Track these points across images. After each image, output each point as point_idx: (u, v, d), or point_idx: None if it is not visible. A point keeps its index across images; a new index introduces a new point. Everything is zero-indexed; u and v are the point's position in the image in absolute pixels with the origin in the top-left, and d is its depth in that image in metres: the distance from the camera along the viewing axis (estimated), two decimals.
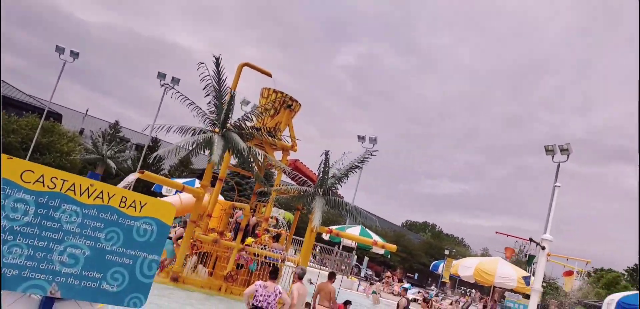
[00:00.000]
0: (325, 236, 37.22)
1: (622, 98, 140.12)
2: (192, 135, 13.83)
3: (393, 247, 17.70)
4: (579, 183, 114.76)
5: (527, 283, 15.03)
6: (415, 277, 50.12)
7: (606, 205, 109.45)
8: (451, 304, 30.53)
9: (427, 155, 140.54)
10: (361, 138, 32.28)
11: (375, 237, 38.54)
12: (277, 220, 21.04)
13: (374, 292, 22.83)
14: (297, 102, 18.13)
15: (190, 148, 13.57)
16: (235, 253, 14.86)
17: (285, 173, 17.66)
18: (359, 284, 29.21)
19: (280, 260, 15.70)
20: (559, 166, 25.47)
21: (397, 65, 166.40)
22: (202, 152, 14.45)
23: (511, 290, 32.95)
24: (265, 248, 15.12)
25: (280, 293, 8.97)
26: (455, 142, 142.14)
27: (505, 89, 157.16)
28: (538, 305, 39.13)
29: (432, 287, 40.43)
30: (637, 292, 26.86)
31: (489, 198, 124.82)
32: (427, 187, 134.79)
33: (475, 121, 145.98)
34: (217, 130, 14.18)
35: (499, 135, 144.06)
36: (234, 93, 14.20)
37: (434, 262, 41.90)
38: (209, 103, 14.21)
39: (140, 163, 31.41)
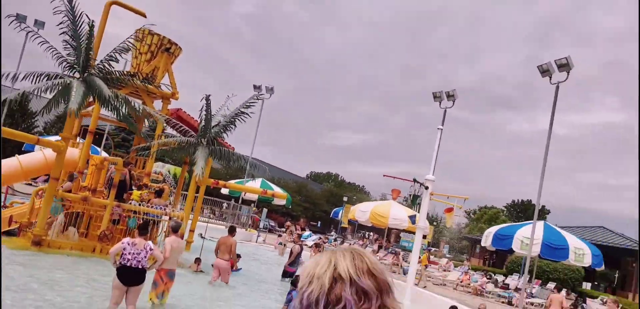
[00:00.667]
0: (225, 191, 36.40)
1: (508, 49, 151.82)
2: (47, 80, 12.12)
3: (283, 195, 17.44)
4: (470, 130, 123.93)
5: (413, 222, 15.59)
6: (319, 225, 51.22)
7: (493, 149, 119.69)
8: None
9: (329, 107, 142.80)
10: (257, 88, 31.31)
11: (276, 189, 38.42)
12: (162, 175, 19.76)
13: (280, 243, 22.77)
14: (176, 45, 16.76)
15: (42, 94, 11.88)
16: (109, 210, 13.63)
17: (168, 124, 16.44)
18: (258, 236, 28.89)
19: (161, 216, 14.71)
20: (445, 112, 26.68)
21: (296, 13, 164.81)
22: (62, 102, 12.77)
23: (405, 230, 34.91)
24: (145, 205, 14.05)
25: (151, 249, 8.26)
26: (355, 92, 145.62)
27: (403, 39, 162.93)
28: (429, 242, 41.61)
29: (332, 233, 41.46)
30: (511, 224, 29.49)
31: (388, 146, 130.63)
32: (330, 139, 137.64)
33: (373, 70, 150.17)
34: (78, 75, 12.57)
35: (396, 84, 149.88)
36: (92, 23, 12.51)
37: (335, 209, 42.92)
38: (66, 44, 12.46)
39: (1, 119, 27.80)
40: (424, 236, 55.60)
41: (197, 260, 14.16)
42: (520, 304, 19.18)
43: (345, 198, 41.98)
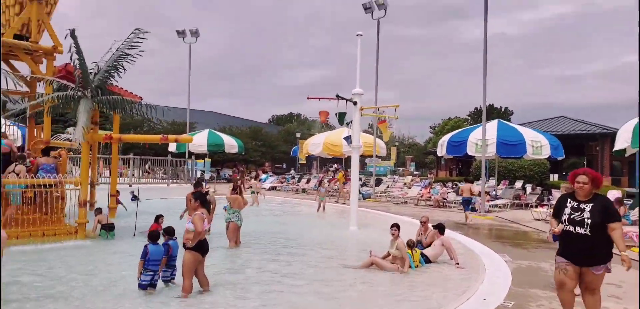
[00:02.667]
0: (172, 147, 34.13)
1: None
2: None
3: (188, 138, 15.59)
4: (423, 46, 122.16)
5: (349, 142, 13.89)
6: (284, 166, 49.62)
7: (449, 60, 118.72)
8: (307, 182, 29.92)
9: (280, 46, 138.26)
10: (181, 33, 28.63)
11: (227, 138, 36.26)
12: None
13: (252, 192, 20.94)
14: None
15: None
16: None
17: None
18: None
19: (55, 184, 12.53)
20: (379, 22, 25.02)
21: None
22: None
23: (367, 155, 33.54)
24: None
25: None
26: (302, 27, 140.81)
27: None
28: (395, 163, 40.29)
29: (291, 172, 39.88)
30: (464, 129, 28.26)
31: (344, 77, 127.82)
32: (287, 79, 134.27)
33: (317, 2, 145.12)
34: None
35: (342, 12, 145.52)
36: None
37: (294, 148, 41.26)
38: None
39: None
40: (383, 158, 54.22)
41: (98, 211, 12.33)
42: (482, 208, 18.08)
43: (298, 135, 40.24)
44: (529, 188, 24.07)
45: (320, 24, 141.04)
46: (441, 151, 23.90)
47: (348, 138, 14.23)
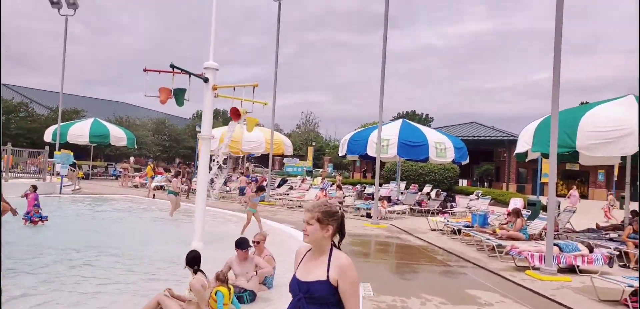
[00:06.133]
0: (48, 136, 29.45)
1: None
2: None
3: None
4: (356, 53, 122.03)
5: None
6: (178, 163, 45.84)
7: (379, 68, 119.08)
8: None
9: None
10: (55, 4, 24.34)
11: (115, 129, 32.05)
12: None
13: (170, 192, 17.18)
14: None
15: None
16: None
17: None
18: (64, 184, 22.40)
19: None
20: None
21: None
22: None
23: (261, 155, 30.79)
24: None
25: None
26: (238, 24, 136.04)
27: None
28: (312, 163, 37.51)
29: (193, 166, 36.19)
30: (367, 127, 26.36)
31: (280, 77, 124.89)
32: (219, 75, 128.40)
33: (253, 1, 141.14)
34: None
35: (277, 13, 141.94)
36: None
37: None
38: None
39: None
40: (301, 158, 51.61)
41: None
42: (375, 215, 15.97)
43: (198, 129, 36.74)
44: (433, 194, 22.57)
45: (254, 24, 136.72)
46: (342, 150, 21.72)
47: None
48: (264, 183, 20.25)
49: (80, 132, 29.42)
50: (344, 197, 19.86)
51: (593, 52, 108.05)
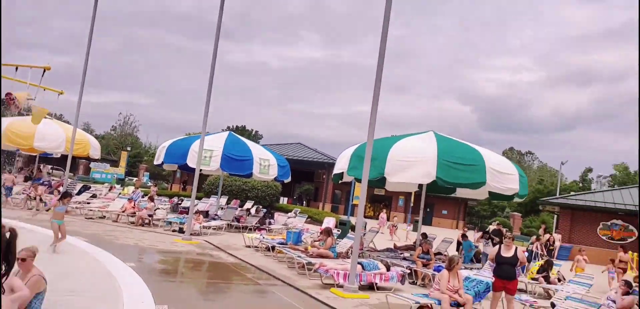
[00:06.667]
0: None
1: None
2: None
3: None
4: (189, 58, 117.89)
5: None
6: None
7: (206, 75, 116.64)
8: None
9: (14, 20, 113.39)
10: None
11: None
12: None
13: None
14: None
15: None
16: None
17: None
18: None
19: None
20: None
21: None
22: None
23: (57, 156, 27.08)
24: None
25: None
26: (49, 3, 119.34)
27: None
28: (125, 170, 34.04)
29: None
30: (191, 136, 25.34)
31: (96, 71, 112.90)
32: (20, 58, 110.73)
33: None
34: None
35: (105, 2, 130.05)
36: None
37: None
38: None
39: None
40: (112, 163, 47.22)
41: None
42: (187, 229, 15.02)
43: None
44: (253, 210, 22.45)
45: (67, 8, 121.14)
46: (159, 158, 20.21)
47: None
48: (60, 189, 17.63)
49: None
50: (155, 209, 18.38)
51: (406, 92, 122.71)
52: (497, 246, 8.53)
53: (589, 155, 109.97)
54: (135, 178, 50.07)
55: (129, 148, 53.19)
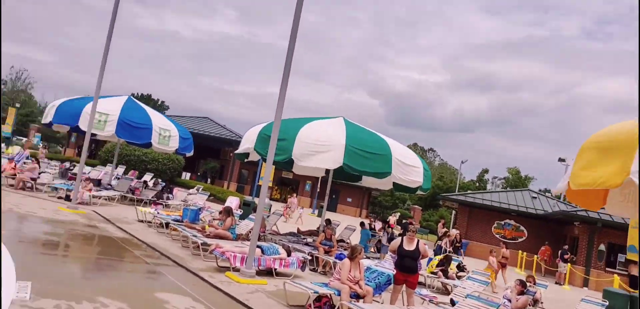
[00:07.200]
0: None
1: None
2: None
3: None
4: (97, 18, 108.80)
5: None
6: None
7: (119, 40, 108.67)
8: None
9: None
10: None
11: None
12: None
13: None
14: None
15: None
16: None
17: None
18: None
19: None
20: None
21: None
22: None
23: None
24: None
25: None
26: None
27: None
28: (13, 128, 30.43)
29: None
30: (85, 97, 23.27)
31: None
32: None
33: None
34: None
35: None
36: None
37: None
38: None
39: None
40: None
41: None
42: (74, 198, 13.58)
43: None
44: (151, 183, 21.06)
45: None
46: (47, 117, 18.11)
47: None
48: None
49: None
50: (39, 173, 16.49)
51: (318, 79, 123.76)
52: (399, 238, 8.53)
53: (485, 157, 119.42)
54: (24, 139, 45.24)
55: (18, 105, 47.79)
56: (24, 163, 17.45)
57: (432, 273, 12.37)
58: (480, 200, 29.73)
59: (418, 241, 8.16)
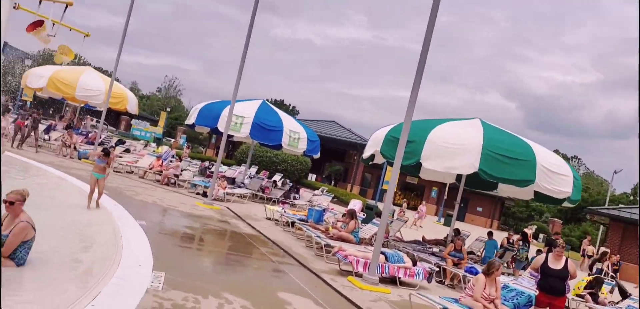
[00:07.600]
0: None
1: None
2: None
3: None
4: (235, 28, 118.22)
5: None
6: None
7: (256, 49, 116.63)
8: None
9: None
10: None
11: None
12: None
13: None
14: None
15: None
16: None
17: None
18: None
19: None
20: None
21: None
22: None
23: (97, 108, 27.16)
24: None
25: None
26: None
27: None
28: (163, 130, 34.17)
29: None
30: (225, 100, 24.80)
31: (147, 34, 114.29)
32: (75, 14, 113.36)
33: None
34: None
35: None
36: None
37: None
38: None
39: None
40: (152, 122, 47.82)
41: None
42: (210, 194, 14.52)
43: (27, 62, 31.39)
44: (280, 183, 21.84)
45: None
46: (191, 118, 19.80)
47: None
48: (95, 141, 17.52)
49: None
50: (181, 171, 17.97)
51: (447, 82, 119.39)
52: (544, 255, 7.46)
53: None
54: (172, 140, 50.50)
55: (169, 109, 53.58)
56: (170, 161, 19.21)
57: (579, 295, 10.78)
58: (638, 216, 25.72)
59: (567, 259, 7.04)
